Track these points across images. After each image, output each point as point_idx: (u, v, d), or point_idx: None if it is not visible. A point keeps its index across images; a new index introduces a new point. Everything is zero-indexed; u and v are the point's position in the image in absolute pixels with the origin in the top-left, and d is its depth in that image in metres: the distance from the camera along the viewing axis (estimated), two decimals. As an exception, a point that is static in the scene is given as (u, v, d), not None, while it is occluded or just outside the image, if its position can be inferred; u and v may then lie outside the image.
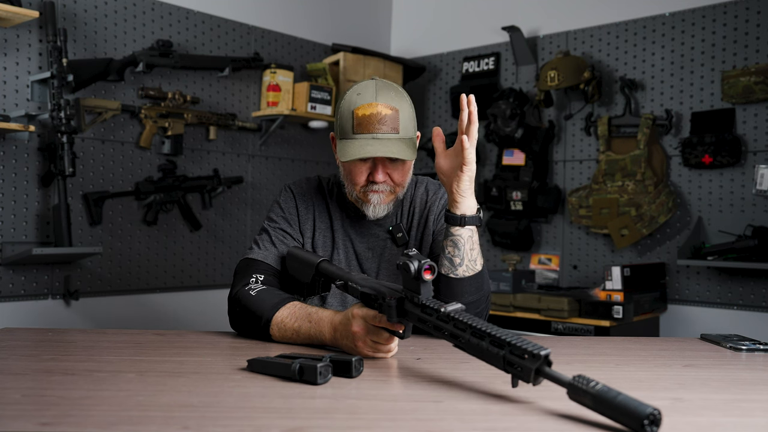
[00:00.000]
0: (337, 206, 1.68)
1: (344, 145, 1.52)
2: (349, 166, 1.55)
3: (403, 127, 1.52)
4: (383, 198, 1.57)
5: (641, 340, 1.68)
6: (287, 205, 1.67)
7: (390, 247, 1.67)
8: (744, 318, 2.98)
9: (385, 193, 1.57)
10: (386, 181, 1.55)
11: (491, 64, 3.76)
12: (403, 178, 1.58)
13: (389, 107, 1.51)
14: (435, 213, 1.68)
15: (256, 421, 0.86)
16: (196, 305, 3.29)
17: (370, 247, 1.67)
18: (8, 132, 2.64)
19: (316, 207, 1.68)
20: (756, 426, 0.89)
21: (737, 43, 3.03)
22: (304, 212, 1.67)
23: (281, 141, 3.64)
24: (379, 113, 1.49)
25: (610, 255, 3.36)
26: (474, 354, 1.04)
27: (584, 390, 0.86)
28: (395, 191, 1.58)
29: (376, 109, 1.50)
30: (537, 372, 0.93)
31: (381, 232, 1.67)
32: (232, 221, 3.44)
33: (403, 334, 1.24)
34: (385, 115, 1.50)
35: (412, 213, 1.69)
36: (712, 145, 3.02)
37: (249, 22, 3.50)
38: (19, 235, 2.76)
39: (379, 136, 1.50)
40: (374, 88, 1.53)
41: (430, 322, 1.12)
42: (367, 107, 1.50)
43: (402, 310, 1.19)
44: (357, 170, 1.54)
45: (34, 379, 1.10)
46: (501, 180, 3.54)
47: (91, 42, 2.96)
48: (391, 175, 1.55)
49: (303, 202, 1.68)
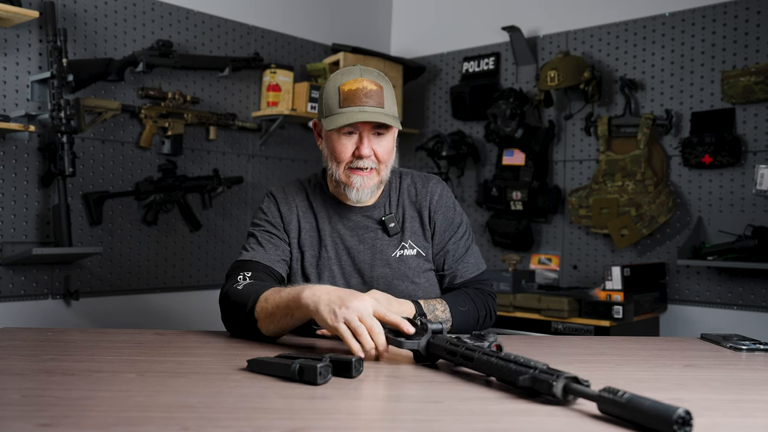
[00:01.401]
0: (321, 203, 1.69)
1: (331, 119, 1.55)
2: (335, 143, 1.58)
3: (387, 104, 1.57)
4: (366, 181, 1.58)
5: (641, 339, 1.68)
6: (270, 209, 1.68)
7: (381, 237, 1.66)
8: (744, 318, 2.98)
9: (368, 173, 1.58)
10: (371, 156, 1.57)
11: (491, 64, 3.76)
12: (388, 155, 1.60)
13: (374, 83, 1.56)
14: (433, 210, 1.69)
15: (256, 421, 0.86)
16: (196, 305, 3.28)
17: (361, 239, 1.66)
18: (8, 132, 2.64)
19: (299, 208, 1.68)
20: (756, 426, 0.89)
21: (737, 43, 3.03)
22: (288, 214, 1.67)
23: (281, 141, 3.64)
24: (365, 87, 1.54)
25: (610, 255, 3.36)
26: (500, 376, 1.05)
27: (614, 401, 0.87)
28: (379, 171, 1.60)
29: (362, 84, 1.55)
30: (566, 390, 0.94)
31: (371, 223, 1.67)
32: (232, 221, 3.44)
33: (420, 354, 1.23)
34: (371, 90, 1.54)
35: (402, 205, 1.69)
36: (712, 145, 3.02)
37: (249, 22, 3.50)
38: (19, 235, 2.75)
39: (365, 109, 1.53)
40: (359, 69, 1.59)
41: (458, 353, 1.14)
42: (353, 82, 1.55)
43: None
44: (342, 145, 1.57)
45: (34, 379, 1.10)
46: (501, 180, 3.54)
47: (91, 42, 2.95)
48: (376, 150, 1.57)
49: (285, 204, 1.68)
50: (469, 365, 1.11)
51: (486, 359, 1.07)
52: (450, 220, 1.70)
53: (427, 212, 1.68)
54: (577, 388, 0.94)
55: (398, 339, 1.21)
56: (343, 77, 1.57)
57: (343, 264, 1.65)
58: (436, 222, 1.69)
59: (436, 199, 1.69)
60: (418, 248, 1.67)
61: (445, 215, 1.70)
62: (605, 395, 0.89)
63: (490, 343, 1.12)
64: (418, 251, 1.67)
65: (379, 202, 1.69)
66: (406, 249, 1.66)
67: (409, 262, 1.65)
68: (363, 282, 1.64)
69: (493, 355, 1.06)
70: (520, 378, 0.98)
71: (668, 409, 0.82)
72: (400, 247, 1.66)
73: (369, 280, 1.64)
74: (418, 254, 1.67)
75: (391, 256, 1.65)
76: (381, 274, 1.64)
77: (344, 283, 1.64)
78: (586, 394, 0.92)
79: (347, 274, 1.65)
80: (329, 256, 1.65)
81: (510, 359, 1.03)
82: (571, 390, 0.94)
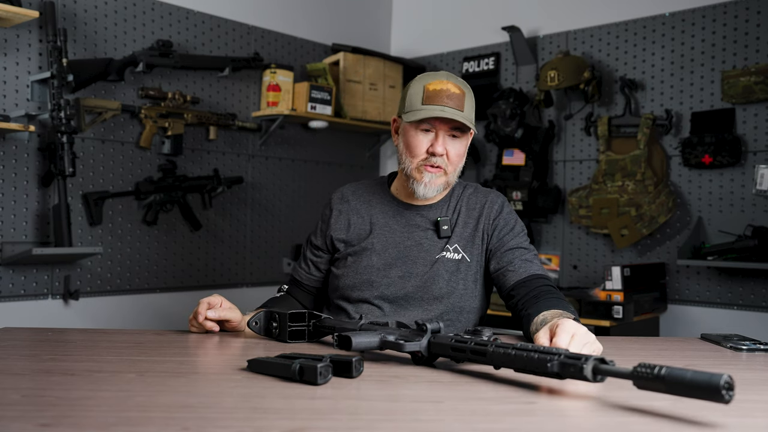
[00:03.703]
0: (380, 200, 1.78)
1: (412, 114, 1.62)
2: (411, 137, 1.64)
3: (467, 109, 1.63)
4: (435, 179, 1.65)
5: (641, 339, 1.68)
6: (323, 215, 1.83)
7: (431, 237, 1.71)
8: (744, 318, 2.98)
9: (438, 172, 1.64)
10: (444, 155, 1.63)
11: (491, 64, 3.76)
12: (460, 158, 1.67)
13: (458, 87, 1.63)
14: (492, 219, 1.71)
15: (256, 422, 0.86)
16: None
17: (409, 236, 1.71)
18: (8, 132, 2.64)
19: (352, 205, 1.78)
20: (756, 426, 0.89)
21: (737, 43, 3.03)
22: (337, 215, 1.78)
23: (281, 141, 3.64)
24: (449, 89, 1.61)
25: (610, 255, 3.36)
26: (521, 366, 1.04)
27: (654, 376, 0.89)
28: (447, 172, 1.65)
29: (446, 86, 1.61)
30: (595, 371, 0.96)
31: (424, 222, 1.72)
32: (232, 221, 3.44)
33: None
34: (454, 93, 1.61)
35: (458, 211, 1.73)
36: (712, 145, 3.02)
37: (249, 22, 3.50)
38: (19, 235, 2.75)
39: (446, 109, 1.60)
40: (445, 73, 1.67)
41: (466, 349, 1.14)
42: (438, 83, 1.62)
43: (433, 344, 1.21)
44: (418, 140, 1.64)
45: (34, 379, 1.10)
46: (501, 180, 3.54)
47: (91, 42, 2.95)
48: (449, 151, 1.63)
49: (339, 204, 1.80)
50: (481, 360, 1.10)
51: (503, 352, 1.06)
52: (511, 226, 1.72)
53: (483, 221, 1.71)
54: (609, 369, 0.95)
55: (399, 342, 1.21)
56: (429, 78, 1.64)
57: (385, 256, 1.69)
58: (495, 227, 1.70)
59: (496, 209, 1.72)
60: (464, 254, 1.69)
61: (506, 222, 1.71)
62: (642, 371, 0.90)
63: (489, 338, 1.12)
64: (463, 257, 1.69)
65: (439, 204, 1.74)
66: (450, 252, 1.68)
67: (449, 265, 1.67)
68: (400, 276, 1.68)
69: (510, 347, 1.06)
70: (548, 364, 0.99)
71: (712, 376, 0.85)
72: (444, 249, 1.69)
73: (407, 276, 1.68)
74: (462, 259, 1.68)
75: (435, 256, 1.68)
76: (420, 272, 1.67)
77: (383, 274, 1.68)
78: (619, 372, 0.94)
79: (387, 266, 1.69)
80: (374, 248, 1.70)
81: (529, 349, 1.03)
82: (602, 371, 0.95)
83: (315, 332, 1.46)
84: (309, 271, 1.82)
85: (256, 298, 2.92)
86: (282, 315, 1.45)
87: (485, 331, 1.15)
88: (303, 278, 1.83)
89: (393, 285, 1.67)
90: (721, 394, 0.83)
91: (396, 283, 1.67)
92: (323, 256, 1.80)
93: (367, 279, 1.69)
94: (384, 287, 1.67)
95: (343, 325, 1.37)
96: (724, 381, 0.84)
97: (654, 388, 0.90)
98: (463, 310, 1.68)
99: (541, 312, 1.48)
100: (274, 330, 1.46)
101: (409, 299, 1.67)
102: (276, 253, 3.62)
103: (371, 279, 1.68)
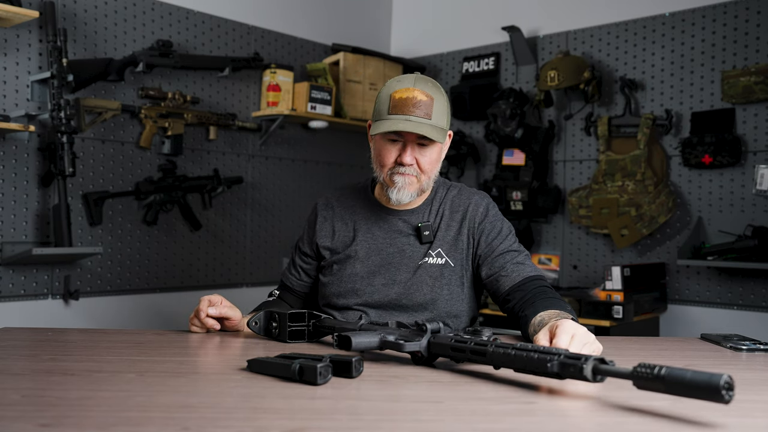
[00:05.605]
0: (363, 206, 1.76)
1: (378, 124, 1.60)
2: (379, 147, 1.63)
3: (436, 115, 1.59)
4: (407, 182, 1.62)
5: (641, 339, 1.68)
6: (308, 222, 1.83)
7: (413, 243, 1.69)
8: (744, 318, 2.98)
9: (410, 176, 1.61)
10: (413, 164, 1.60)
11: (491, 64, 3.76)
12: (431, 165, 1.63)
13: (425, 94, 1.58)
14: (477, 222, 1.68)
15: (256, 421, 0.86)
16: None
17: (392, 242, 1.70)
18: (8, 132, 2.64)
19: (337, 212, 1.77)
20: (756, 426, 0.89)
21: (737, 43, 3.03)
22: (322, 222, 1.78)
23: (281, 141, 3.64)
24: (415, 97, 1.57)
25: (610, 255, 3.36)
26: (521, 366, 1.04)
27: (654, 376, 0.89)
28: (420, 179, 1.63)
29: (413, 94, 1.57)
30: (595, 371, 0.96)
31: (406, 228, 1.70)
32: (232, 221, 3.44)
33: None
34: (420, 100, 1.57)
35: (441, 214, 1.70)
36: (712, 145, 3.02)
37: (249, 22, 3.50)
38: (19, 235, 2.75)
39: (412, 119, 1.56)
40: (414, 77, 1.62)
41: (466, 349, 1.13)
42: (404, 91, 1.58)
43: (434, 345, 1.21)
44: (386, 150, 1.62)
45: (34, 379, 1.10)
46: (501, 180, 3.54)
47: (91, 42, 2.95)
48: (419, 160, 1.61)
49: (324, 211, 1.79)
50: (481, 360, 1.10)
51: (502, 352, 1.06)
52: (498, 229, 1.69)
53: (468, 224, 1.68)
54: (609, 369, 0.95)
55: (399, 342, 1.21)
56: (397, 84, 1.61)
57: (368, 264, 1.68)
58: (482, 231, 1.68)
59: (481, 212, 1.69)
60: (448, 258, 1.67)
61: (493, 225, 1.69)
62: (642, 371, 0.90)
63: (488, 338, 1.12)
64: (446, 261, 1.67)
65: (420, 209, 1.72)
66: (432, 257, 1.67)
67: (432, 270, 1.66)
68: (384, 284, 1.67)
69: (510, 347, 1.06)
70: (548, 364, 0.99)
71: (712, 377, 0.85)
72: (427, 255, 1.67)
73: (390, 283, 1.67)
74: (446, 264, 1.67)
75: (418, 263, 1.67)
76: (403, 279, 1.66)
77: (367, 282, 1.68)
78: (619, 373, 0.93)
79: (371, 274, 1.68)
80: (357, 256, 1.69)
81: (529, 349, 1.03)
82: (602, 371, 0.95)
83: (315, 332, 1.46)
84: (299, 277, 1.82)
85: (256, 298, 2.91)
86: (282, 315, 1.45)
87: (485, 331, 1.15)
88: (294, 284, 1.83)
89: (377, 293, 1.67)
90: (721, 394, 0.83)
91: (380, 290, 1.67)
92: (312, 263, 1.80)
93: (352, 287, 1.68)
94: (368, 295, 1.67)
95: (342, 325, 1.37)
96: (723, 381, 0.84)
97: (654, 388, 0.89)
98: (451, 315, 1.67)
99: (538, 313, 1.48)
100: (274, 330, 1.46)
101: (394, 306, 1.66)
102: (276, 253, 3.62)
103: (355, 287, 1.68)
